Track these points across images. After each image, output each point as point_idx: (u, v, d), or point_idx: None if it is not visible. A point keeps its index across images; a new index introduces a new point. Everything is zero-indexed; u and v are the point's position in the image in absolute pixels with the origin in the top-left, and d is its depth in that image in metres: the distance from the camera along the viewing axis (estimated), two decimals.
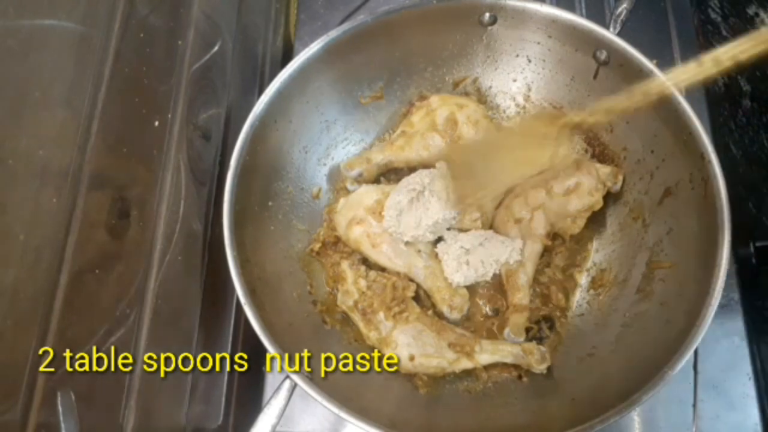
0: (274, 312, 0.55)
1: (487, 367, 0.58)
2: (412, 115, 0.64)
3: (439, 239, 0.60)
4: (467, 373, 0.58)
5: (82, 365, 0.40)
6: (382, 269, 0.60)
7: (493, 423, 0.55)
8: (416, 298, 0.60)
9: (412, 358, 0.55)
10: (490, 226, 0.62)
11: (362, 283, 0.58)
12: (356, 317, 0.58)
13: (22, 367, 0.35)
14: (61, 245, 0.39)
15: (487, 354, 0.56)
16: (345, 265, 0.60)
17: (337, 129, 0.65)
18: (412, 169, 0.63)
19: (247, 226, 0.54)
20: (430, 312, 0.59)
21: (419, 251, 0.60)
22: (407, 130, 0.63)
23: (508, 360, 0.57)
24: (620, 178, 0.61)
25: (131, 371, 0.46)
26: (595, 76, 0.61)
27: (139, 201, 0.48)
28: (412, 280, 0.60)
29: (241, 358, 0.61)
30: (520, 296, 0.59)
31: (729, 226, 0.50)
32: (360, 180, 0.64)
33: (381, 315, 0.57)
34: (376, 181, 0.65)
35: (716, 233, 0.50)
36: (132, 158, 0.47)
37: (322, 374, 0.52)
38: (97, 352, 0.42)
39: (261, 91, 0.56)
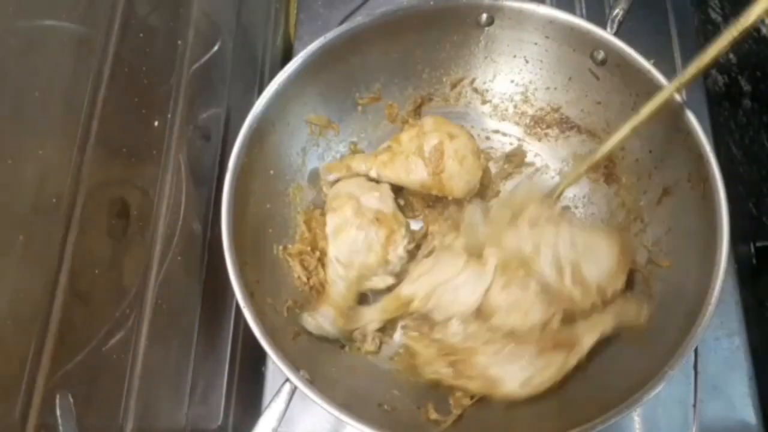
0: (273, 315, 0.55)
1: None
2: (402, 133, 0.62)
3: None
4: None
5: (81, 366, 0.40)
6: None
7: (493, 424, 0.55)
8: None
9: (529, 382, 0.50)
10: None
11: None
12: (449, 377, 0.52)
13: (21, 368, 0.35)
14: (60, 245, 0.39)
15: (588, 335, 0.52)
16: (408, 341, 0.55)
17: (334, 129, 0.65)
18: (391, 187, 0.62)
19: (245, 228, 0.54)
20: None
21: None
22: (394, 147, 0.61)
23: (610, 329, 0.52)
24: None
25: (131, 372, 0.46)
26: (593, 76, 0.61)
27: (138, 201, 0.48)
28: None
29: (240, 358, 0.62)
30: None
31: (728, 225, 0.50)
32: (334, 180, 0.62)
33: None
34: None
35: (715, 233, 0.50)
36: (132, 158, 0.47)
37: None
38: (97, 352, 0.42)
39: (261, 91, 0.56)
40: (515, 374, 0.50)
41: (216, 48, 0.61)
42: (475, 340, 0.52)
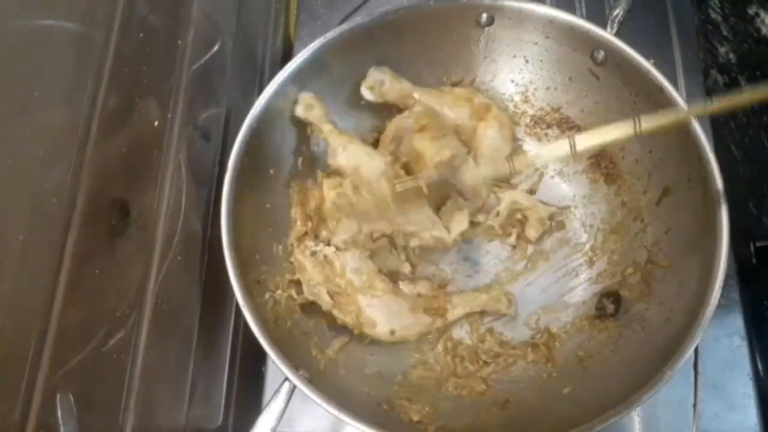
0: (273, 314, 0.55)
1: (489, 371, 0.58)
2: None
3: None
4: (467, 377, 0.58)
5: (81, 366, 0.40)
6: None
7: (492, 423, 0.55)
8: None
9: (392, 332, 0.57)
10: None
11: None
12: (326, 304, 0.57)
13: (21, 368, 0.35)
14: (61, 245, 0.39)
15: (458, 308, 0.59)
16: (298, 255, 0.59)
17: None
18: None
19: (245, 228, 0.54)
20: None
21: None
22: (444, 89, 0.64)
23: (477, 309, 0.59)
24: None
25: (131, 372, 0.46)
26: (593, 76, 0.61)
27: (139, 201, 0.48)
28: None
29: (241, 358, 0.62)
30: None
31: (727, 225, 0.50)
32: (377, 90, 0.62)
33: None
34: (387, 105, 0.64)
35: (715, 233, 0.50)
36: (132, 158, 0.47)
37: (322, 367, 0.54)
38: (97, 352, 0.42)
39: (261, 91, 0.56)
40: (386, 321, 0.57)
41: (216, 48, 0.61)
42: (362, 281, 0.57)
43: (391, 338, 0.57)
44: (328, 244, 0.59)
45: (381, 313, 0.57)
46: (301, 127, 0.62)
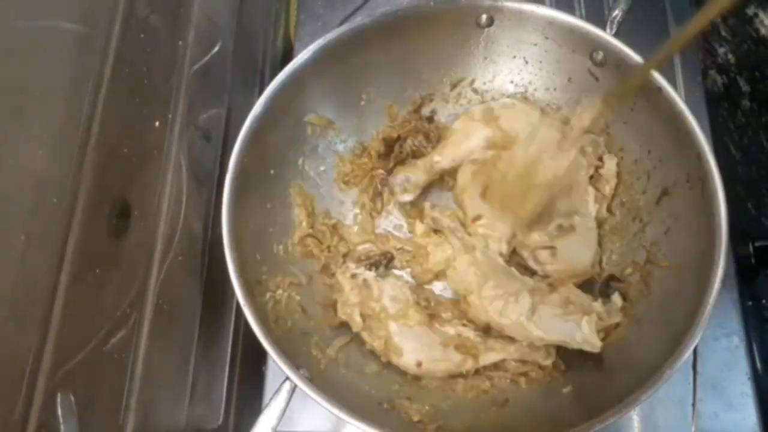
0: (274, 314, 0.55)
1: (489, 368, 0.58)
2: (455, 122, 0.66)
3: None
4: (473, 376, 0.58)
5: (82, 366, 0.40)
6: None
7: (492, 423, 0.55)
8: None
9: (419, 365, 0.55)
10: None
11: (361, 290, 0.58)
12: (356, 325, 0.57)
13: (22, 368, 0.35)
14: (61, 245, 0.39)
15: (493, 353, 0.56)
16: (339, 275, 0.59)
17: (335, 130, 0.65)
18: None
19: (246, 228, 0.55)
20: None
21: None
22: (446, 135, 0.65)
23: (514, 357, 0.57)
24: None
25: (132, 372, 0.46)
26: (592, 77, 0.61)
27: (139, 201, 0.48)
28: None
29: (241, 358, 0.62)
30: None
31: (726, 225, 0.50)
32: (409, 187, 0.63)
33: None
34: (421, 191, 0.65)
35: (714, 233, 0.50)
36: (132, 159, 0.47)
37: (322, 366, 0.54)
38: (98, 352, 0.42)
39: (261, 92, 0.57)
40: (413, 351, 0.55)
41: (216, 49, 0.61)
42: (396, 308, 0.57)
43: (417, 371, 0.56)
44: (370, 267, 0.61)
45: (410, 342, 0.56)
46: (302, 128, 0.62)
